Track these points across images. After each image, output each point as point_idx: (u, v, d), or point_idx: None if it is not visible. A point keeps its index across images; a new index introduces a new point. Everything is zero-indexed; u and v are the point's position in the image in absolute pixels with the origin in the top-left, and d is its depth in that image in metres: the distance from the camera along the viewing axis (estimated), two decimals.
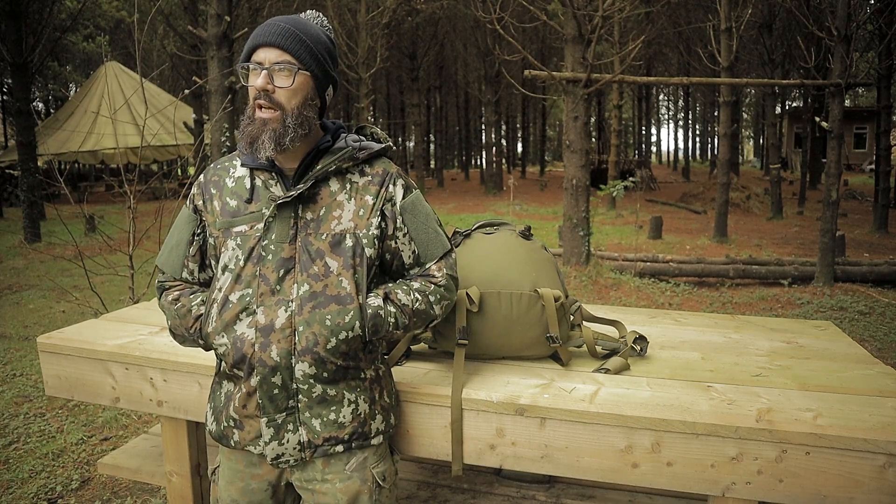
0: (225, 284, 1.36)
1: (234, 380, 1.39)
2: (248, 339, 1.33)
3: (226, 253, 1.37)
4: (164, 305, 1.47)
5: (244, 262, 1.35)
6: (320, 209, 1.37)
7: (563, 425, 1.47)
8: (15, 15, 10.78)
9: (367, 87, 16.62)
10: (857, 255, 8.85)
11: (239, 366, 1.35)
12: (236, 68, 1.40)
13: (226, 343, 1.35)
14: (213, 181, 1.44)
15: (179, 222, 1.47)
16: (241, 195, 1.40)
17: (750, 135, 51.27)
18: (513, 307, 1.63)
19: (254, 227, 1.36)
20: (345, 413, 1.38)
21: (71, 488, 2.93)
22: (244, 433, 1.38)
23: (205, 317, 1.39)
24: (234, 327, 1.34)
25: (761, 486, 1.38)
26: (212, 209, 1.42)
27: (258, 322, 1.32)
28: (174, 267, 1.46)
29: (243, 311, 1.33)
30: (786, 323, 2.18)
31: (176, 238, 1.46)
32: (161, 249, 1.51)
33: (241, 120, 1.38)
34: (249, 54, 1.34)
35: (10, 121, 17.16)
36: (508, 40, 7.86)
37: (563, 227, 7.85)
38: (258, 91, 1.32)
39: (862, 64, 13.87)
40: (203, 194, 1.44)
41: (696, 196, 17.45)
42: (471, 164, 37.95)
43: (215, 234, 1.40)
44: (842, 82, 6.78)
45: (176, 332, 1.46)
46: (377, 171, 1.43)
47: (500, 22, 7.86)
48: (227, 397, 1.41)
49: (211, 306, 1.38)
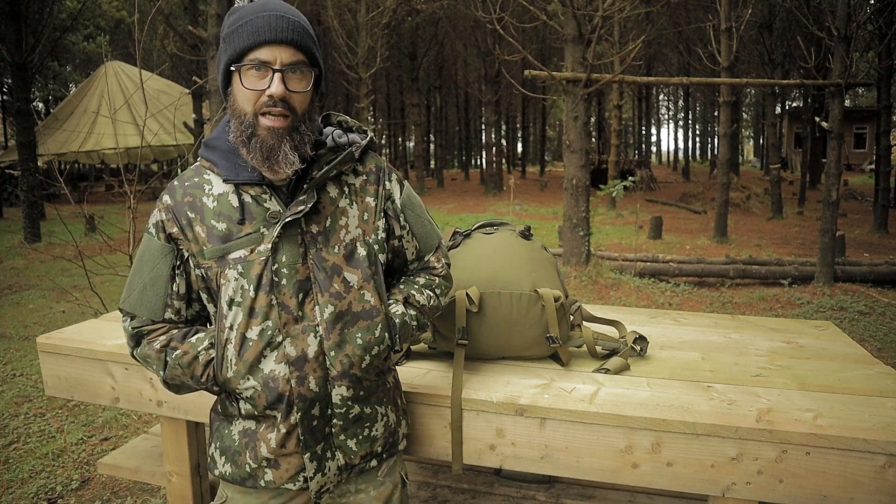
0: (237, 321, 1.20)
1: (261, 420, 1.25)
2: (281, 376, 1.20)
3: (227, 285, 1.20)
4: (150, 355, 1.25)
5: (255, 291, 1.19)
6: (325, 220, 1.25)
7: (563, 425, 1.47)
8: (15, 15, 10.78)
9: (367, 87, 16.63)
10: (857, 255, 8.85)
11: (275, 406, 1.22)
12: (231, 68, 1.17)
13: (254, 385, 1.21)
14: (186, 203, 1.22)
15: (148, 256, 1.24)
16: (230, 216, 1.21)
17: (750, 135, 51.26)
18: (513, 307, 1.62)
19: (255, 251, 1.20)
20: (378, 427, 1.34)
21: (71, 488, 2.93)
22: (280, 472, 1.25)
23: (218, 361, 1.23)
24: (261, 366, 1.20)
25: (761, 487, 1.38)
26: (194, 236, 1.22)
27: (288, 355, 1.20)
28: (152, 309, 1.24)
29: (267, 347, 1.20)
30: (786, 323, 2.18)
31: (149, 275, 1.24)
32: (125, 290, 1.27)
33: (230, 127, 1.20)
34: (248, 51, 1.15)
35: (10, 121, 17.16)
36: (508, 40, 7.86)
37: (563, 227, 7.85)
38: (273, 98, 1.15)
39: (862, 64, 13.87)
40: (176, 220, 1.22)
41: (696, 196, 17.45)
42: (471, 164, 37.96)
43: (206, 265, 1.22)
44: (842, 82, 6.78)
45: (174, 383, 1.29)
46: (370, 167, 1.33)
47: (500, 22, 7.86)
48: (249, 437, 1.26)
49: (225, 348, 1.22)
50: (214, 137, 1.26)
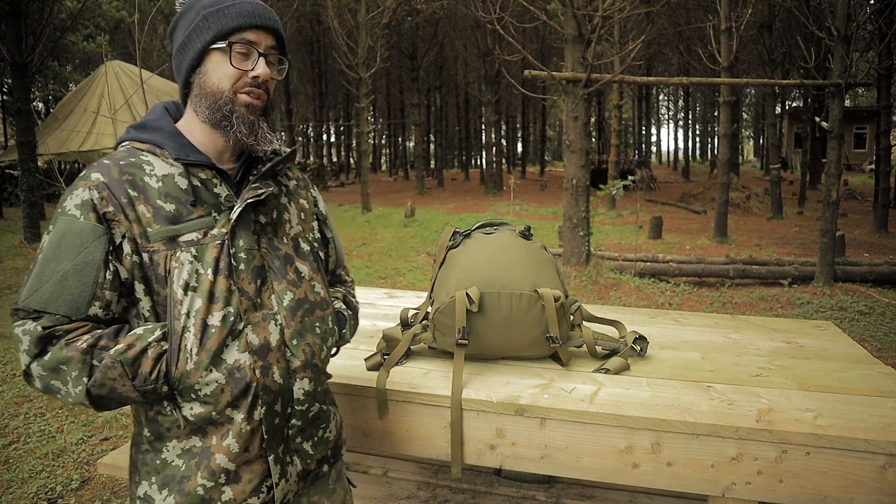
0: (196, 307, 1.10)
1: (212, 429, 1.13)
2: (247, 366, 1.13)
3: (181, 268, 1.10)
4: (68, 359, 1.04)
5: (213, 275, 1.12)
6: (272, 212, 1.24)
7: (563, 425, 1.47)
8: (15, 15, 10.78)
9: (367, 87, 16.63)
10: (857, 255, 8.85)
11: (239, 401, 1.12)
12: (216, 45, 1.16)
13: (217, 378, 1.10)
14: (125, 181, 1.11)
15: (70, 241, 1.07)
16: (180, 197, 1.13)
17: (750, 135, 51.29)
18: (513, 307, 1.62)
19: (208, 235, 1.13)
20: (331, 428, 1.30)
21: (71, 488, 2.93)
22: (242, 485, 1.14)
23: (173, 353, 1.08)
24: (224, 356, 1.11)
25: (761, 487, 1.38)
26: (136, 216, 1.10)
27: (251, 343, 1.14)
28: (74, 302, 1.06)
29: (230, 335, 1.12)
30: (786, 323, 2.18)
31: (72, 262, 1.06)
32: (30, 285, 1.07)
33: (207, 100, 1.17)
34: (235, 31, 1.15)
35: (10, 121, 17.16)
36: (508, 40, 7.86)
37: (563, 227, 7.85)
38: (257, 79, 1.17)
39: (862, 64, 13.87)
40: (113, 197, 1.09)
41: (696, 196, 17.45)
42: (471, 164, 37.97)
43: (151, 248, 1.10)
44: (842, 82, 6.78)
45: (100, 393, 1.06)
46: (297, 174, 1.37)
47: (500, 22, 7.86)
48: (198, 455, 1.13)
49: (182, 337, 1.09)
50: (153, 120, 1.21)
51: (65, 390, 1.05)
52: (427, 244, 10.82)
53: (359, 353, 1.79)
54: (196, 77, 1.18)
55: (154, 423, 1.14)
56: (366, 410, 1.61)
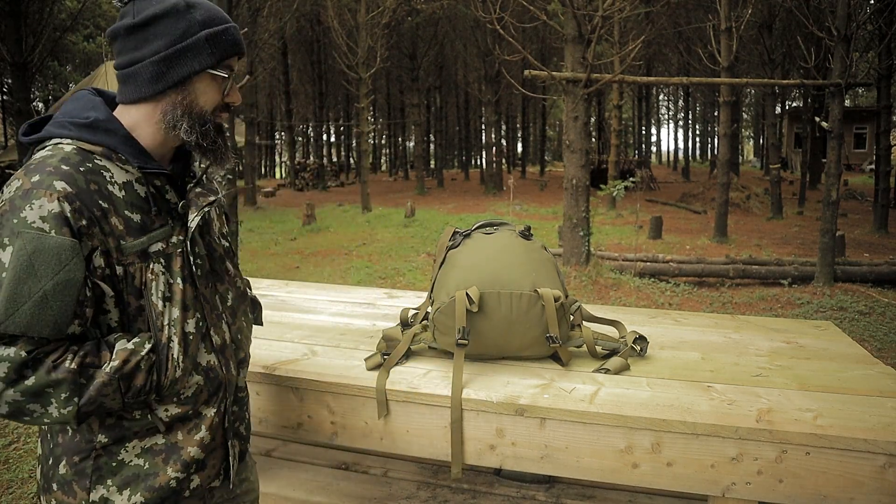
0: (174, 316, 1.12)
1: (185, 422, 1.17)
2: (217, 366, 1.21)
3: (157, 280, 1.11)
4: (59, 381, 1.00)
5: (182, 283, 1.15)
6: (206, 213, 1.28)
7: (563, 425, 1.47)
8: (15, 15, 10.78)
9: (367, 87, 16.63)
10: (857, 255, 8.85)
11: (212, 398, 1.21)
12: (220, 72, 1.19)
13: (198, 380, 1.17)
14: (93, 191, 1.05)
15: (47, 259, 0.98)
16: (142, 206, 1.12)
17: (750, 135, 51.29)
18: (513, 307, 1.62)
19: (169, 243, 1.14)
20: (249, 408, 1.39)
21: None
22: (207, 471, 1.21)
23: (161, 363, 1.10)
24: (198, 360, 1.18)
25: (761, 487, 1.38)
26: (110, 229, 1.06)
27: (216, 344, 1.22)
28: (55, 324, 1.00)
29: (201, 339, 1.18)
30: (786, 323, 2.18)
31: (51, 282, 0.98)
32: (1, 306, 0.97)
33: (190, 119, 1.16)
34: (226, 58, 1.17)
35: (10, 121, 17.17)
36: (508, 40, 7.86)
37: (563, 227, 7.85)
38: (229, 105, 1.22)
39: (862, 64, 13.88)
40: (87, 210, 1.03)
41: (696, 196, 17.46)
42: (471, 164, 37.97)
43: (127, 261, 1.08)
44: (842, 82, 6.78)
45: (88, 411, 1.04)
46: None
47: (500, 22, 7.86)
48: (165, 450, 1.15)
49: (169, 347, 1.11)
50: (102, 120, 1.11)
51: (41, 412, 1.01)
52: (427, 244, 10.82)
53: (359, 353, 1.79)
54: (177, 91, 1.15)
55: (115, 428, 1.13)
56: (366, 410, 1.61)
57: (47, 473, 1.16)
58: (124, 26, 1.12)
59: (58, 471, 1.14)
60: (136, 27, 1.11)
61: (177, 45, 1.12)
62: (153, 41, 1.11)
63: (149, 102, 1.15)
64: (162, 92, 1.14)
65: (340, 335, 1.96)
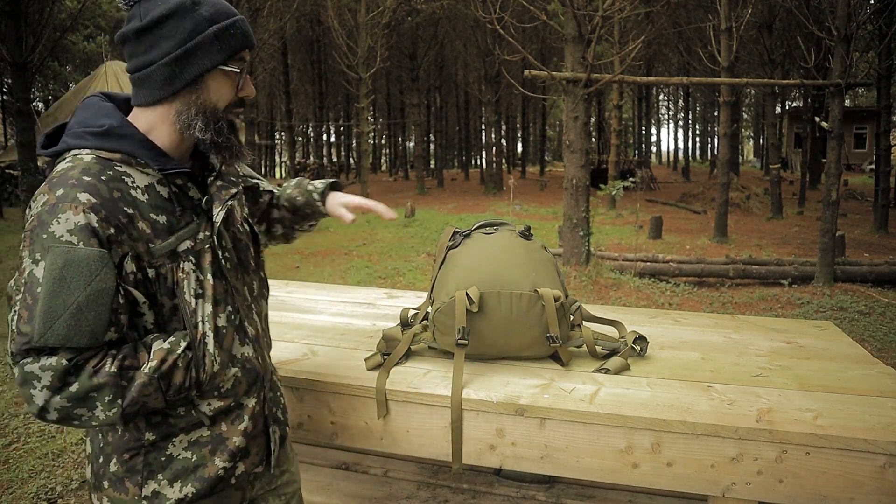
0: (206, 312, 1.15)
1: (221, 417, 1.21)
2: (252, 357, 1.25)
3: (188, 278, 1.13)
4: (101, 385, 1.02)
5: (212, 279, 1.17)
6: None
7: (563, 425, 1.47)
8: (15, 15, 10.78)
9: (367, 87, 16.63)
10: (857, 255, 8.85)
11: (251, 388, 1.25)
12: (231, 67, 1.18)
13: (235, 372, 1.20)
14: (116, 199, 1.07)
15: (77, 271, 1.01)
16: (166, 207, 1.13)
17: (750, 135, 51.29)
18: (513, 307, 1.62)
19: (197, 240, 1.16)
20: (283, 394, 1.42)
21: (71, 488, 2.93)
22: (251, 458, 1.26)
23: (198, 359, 1.13)
24: (234, 352, 1.21)
25: (761, 487, 1.38)
26: (138, 234, 1.08)
27: (250, 336, 1.26)
28: (93, 333, 1.02)
29: (235, 332, 1.22)
30: (786, 323, 2.18)
31: (84, 293, 1.01)
32: (39, 322, 0.99)
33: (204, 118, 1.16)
34: (238, 51, 1.17)
35: (10, 121, 17.17)
36: (508, 40, 7.86)
37: (563, 227, 7.85)
38: (244, 100, 1.21)
39: (862, 64, 13.88)
40: (113, 218, 1.05)
41: (696, 196, 17.45)
42: (471, 164, 37.97)
43: (157, 263, 1.10)
44: (842, 82, 6.78)
45: (132, 411, 1.07)
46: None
47: (500, 22, 7.86)
48: (210, 443, 1.20)
49: (204, 343, 1.14)
50: (117, 126, 1.12)
51: (89, 415, 1.04)
52: (427, 244, 10.82)
53: (359, 353, 1.79)
54: (190, 90, 1.15)
55: (162, 426, 1.16)
56: (366, 410, 1.61)
57: (98, 471, 1.19)
58: (132, 30, 1.12)
59: (109, 468, 1.17)
60: (144, 30, 1.11)
61: (186, 45, 1.11)
62: (162, 43, 1.11)
63: (163, 104, 1.15)
64: (175, 93, 1.14)
65: (340, 335, 1.96)
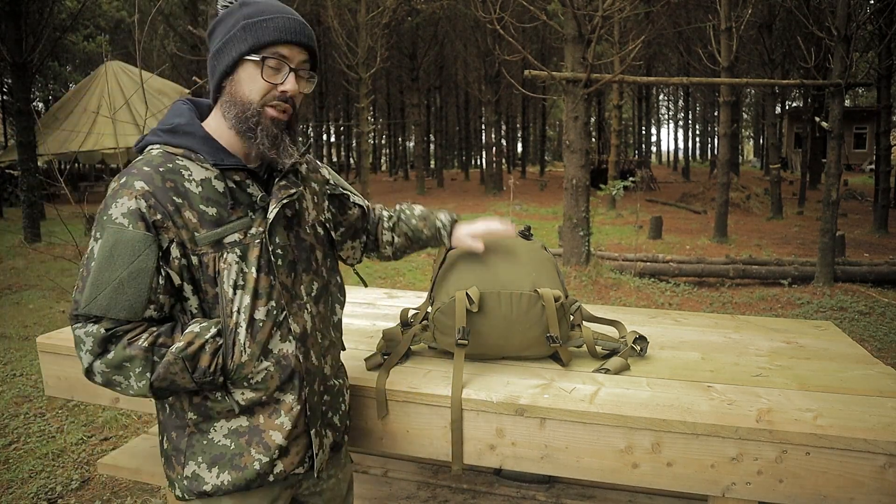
0: (244, 304, 1.19)
1: (260, 410, 1.25)
2: (291, 353, 1.25)
3: (230, 269, 1.18)
4: (132, 357, 1.12)
5: (256, 273, 1.21)
6: (295, 204, 1.32)
7: (563, 425, 1.47)
8: (15, 15, 10.78)
9: (367, 87, 16.62)
10: (857, 255, 8.85)
11: (286, 385, 1.25)
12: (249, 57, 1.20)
13: (268, 366, 1.22)
14: (168, 188, 1.16)
15: (123, 250, 1.12)
16: (219, 200, 1.20)
17: (750, 135, 51.28)
18: (513, 307, 1.62)
19: (248, 235, 1.21)
20: (346, 401, 1.44)
21: (71, 488, 2.93)
22: (290, 458, 1.27)
23: (228, 347, 1.18)
24: (270, 346, 1.23)
25: (761, 487, 1.38)
26: (183, 223, 1.16)
27: (294, 332, 1.26)
28: (131, 307, 1.12)
29: (274, 326, 1.23)
30: (786, 323, 2.18)
31: (126, 270, 1.12)
32: (87, 292, 1.12)
33: (236, 108, 1.21)
34: (271, 45, 1.19)
35: (10, 121, 17.16)
36: (508, 40, 7.86)
37: (563, 227, 7.85)
38: (286, 94, 1.21)
39: (862, 64, 13.88)
40: (161, 206, 1.14)
41: (696, 196, 17.45)
42: (471, 164, 37.97)
43: (201, 251, 1.17)
44: (842, 82, 6.78)
45: (162, 386, 1.15)
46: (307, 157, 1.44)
47: (500, 22, 7.86)
48: (249, 433, 1.24)
49: (235, 332, 1.18)
50: (183, 124, 1.22)
51: (126, 384, 1.14)
52: None
53: (359, 353, 1.79)
54: (228, 83, 1.22)
55: (202, 407, 1.23)
56: (366, 410, 1.61)
57: (160, 447, 1.31)
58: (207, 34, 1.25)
59: (163, 446, 1.29)
60: (209, 32, 1.25)
61: (224, 39, 1.21)
62: (213, 42, 1.23)
63: (219, 101, 1.25)
64: (219, 87, 1.23)
65: None
